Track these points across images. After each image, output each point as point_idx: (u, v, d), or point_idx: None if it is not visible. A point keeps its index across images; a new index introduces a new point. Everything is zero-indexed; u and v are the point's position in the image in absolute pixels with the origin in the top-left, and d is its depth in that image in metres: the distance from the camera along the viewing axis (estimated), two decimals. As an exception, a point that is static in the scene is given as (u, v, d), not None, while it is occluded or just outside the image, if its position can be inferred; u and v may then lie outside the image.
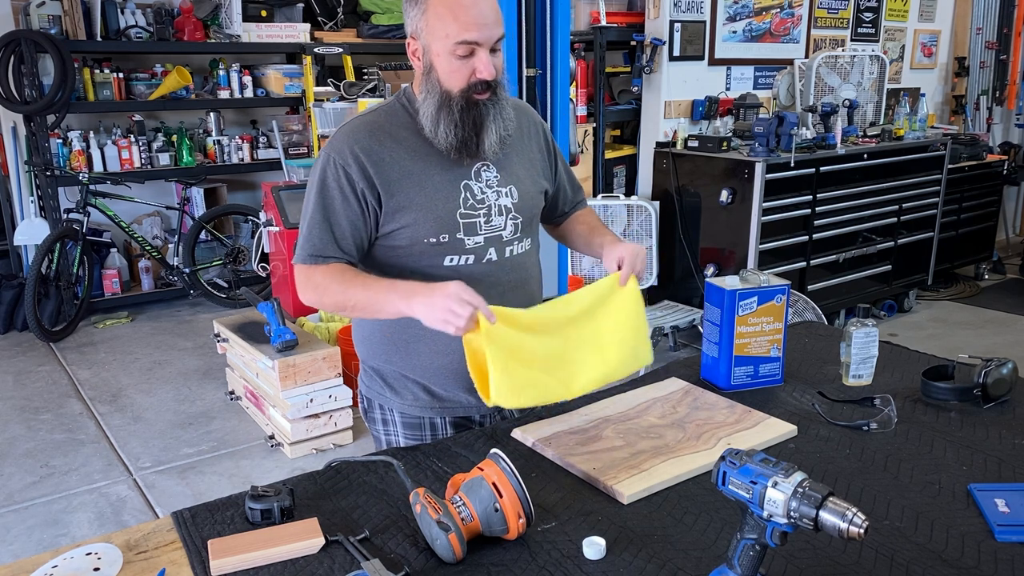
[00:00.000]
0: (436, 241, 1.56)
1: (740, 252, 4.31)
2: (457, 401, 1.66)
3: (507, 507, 1.17)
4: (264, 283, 5.36)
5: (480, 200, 1.59)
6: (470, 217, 1.58)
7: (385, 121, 1.58)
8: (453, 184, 1.57)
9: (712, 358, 1.79)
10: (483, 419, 1.71)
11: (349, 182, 1.52)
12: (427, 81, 1.53)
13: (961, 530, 1.24)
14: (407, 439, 1.69)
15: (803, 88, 5.05)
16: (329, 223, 1.54)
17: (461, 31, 1.45)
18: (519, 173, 1.66)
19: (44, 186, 5.01)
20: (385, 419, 1.72)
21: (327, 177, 1.54)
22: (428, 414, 1.67)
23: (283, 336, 3.34)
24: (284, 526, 1.25)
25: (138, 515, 3.00)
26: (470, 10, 1.45)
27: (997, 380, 1.65)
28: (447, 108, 1.51)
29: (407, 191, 1.54)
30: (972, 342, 4.73)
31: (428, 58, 1.51)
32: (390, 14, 5.71)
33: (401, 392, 1.67)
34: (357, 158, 1.52)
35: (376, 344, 1.68)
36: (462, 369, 1.48)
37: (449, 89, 1.51)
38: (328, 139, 1.59)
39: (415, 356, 1.63)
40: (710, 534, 1.24)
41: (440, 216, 1.55)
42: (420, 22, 1.49)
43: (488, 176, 1.61)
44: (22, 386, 4.17)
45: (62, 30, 4.89)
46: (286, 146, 5.35)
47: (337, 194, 1.53)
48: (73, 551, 1.21)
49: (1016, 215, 7.22)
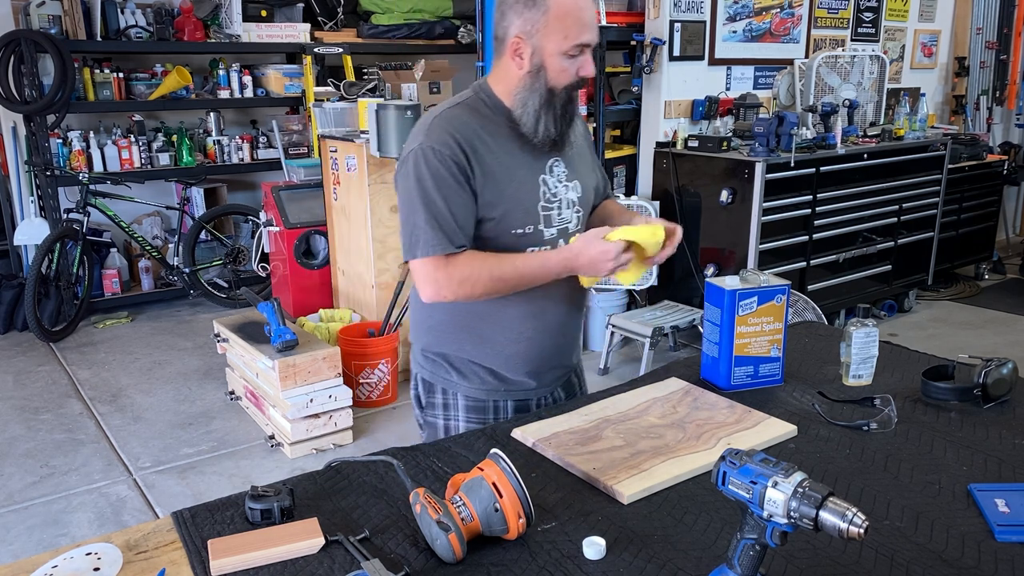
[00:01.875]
0: (522, 232, 1.66)
1: (740, 252, 4.31)
2: (521, 384, 1.76)
3: (507, 507, 1.17)
4: (264, 283, 5.36)
5: (554, 194, 1.70)
6: (548, 209, 1.69)
7: (470, 115, 1.64)
8: (534, 178, 1.67)
9: (712, 358, 1.79)
10: (539, 402, 1.80)
11: (460, 169, 1.58)
12: (533, 79, 1.61)
13: (961, 530, 1.24)
14: (468, 423, 1.77)
15: (803, 88, 5.05)
16: (450, 211, 1.58)
17: (581, 34, 1.58)
18: (580, 169, 1.78)
19: (44, 186, 5.01)
20: (447, 403, 1.79)
21: (436, 167, 1.57)
22: (493, 397, 1.76)
23: (283, 336, 3.35)
24: (284, 526, 1.25)
25: (138, 515, 3.00)
26: (587, 12, 1.59)
27: (997, 380, 1.65)
28: (551, 104, 1.61)
29: (500, 183, 1.62)
30: (972, 342, 4.73)
31: (539, 58, 1.60)
32: (390, 14, 5.71)
33: (469, 376, 1.75)
34: (461, 146, 1.58)
35: (446, 332, 1.75)
36: (530, 354, 1.71)
37: (555, 86, 1.61)
38: (414, 133, 1.64)
39: (488, 344, 1.72)
40: (710, 534, 1.23)
41: (527, 208, 1.66)
42: (538, 24, 1.57)
43: (559, 171, 1.72)
44: (22, 386, 4.17)
45: (62, 30, 4.89)
46: (286, 146, 5.35)
47: (452, 182, 1.58)
48: (73, 551, 1.21)
49: (1016, 215, 7.22)
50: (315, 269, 4.69)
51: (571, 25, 1.56)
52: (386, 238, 4.03)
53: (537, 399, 1.80)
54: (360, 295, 4.27)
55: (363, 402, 3.87)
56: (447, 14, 5.86)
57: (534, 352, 1.73)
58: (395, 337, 3.94)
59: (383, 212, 3.99)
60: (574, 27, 1.56)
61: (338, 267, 4.51)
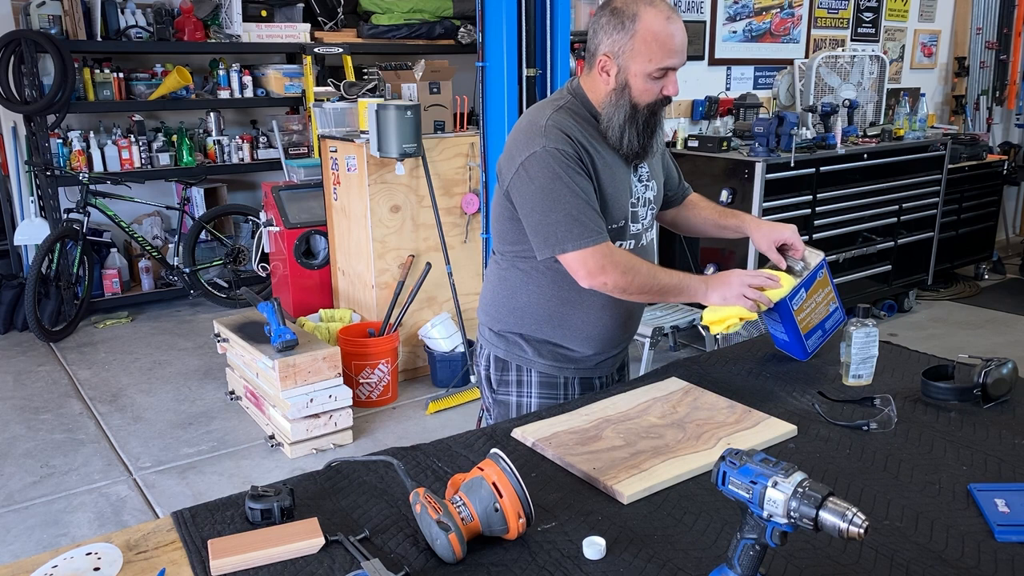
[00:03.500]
0: (616, 227, 1.78)
1: (740, 252, 4.31)
2: (588, 362, 1.88)
3: (507, 507, 1.17)
4: (264, 283, 5.36)
5: (638, 192, 1.83)
6: (635, 207, 1.82)
7: (573, 119, 1.73)
8: (626, 177, 1.79)
9: (783, 340, 1.92)
10: (601, 382, 1.93)
11: (583, 167, 1.69)
12: (618, 96, 1.71)
13: (961, 530, 1.24)
14: (540, 398, 1.89)
15: (803, 88, 5.05)
16: (590, 204, 1.68)
17: (665, 58, 1.66)
18: (656, 168, 1.90)
19: (44, 186, 5.01)
20: (520, 380, 1.90)
21: (565, 165, 1.67)
22: (564, 374, 1.88)
23: (283, 336, 3.35)
24: (284, 526, 1.25)
25: (138, 515, 3.00)
26: (675, 38, 1.66)
27: (997, 380, 1.65)
28: (633, 119, 1.72)
29: (603, 182, 1.73)
30: (972, 342, 4.73)
31: (624, 76, 1.70)
32: (390, 14, 5.71)
33: (544, 354, 1.87)
34: (577, 147, 1.68)
35: (529, 315, 1.85)
36: (603, 337, 1.85)
37: (638, 103, 1.71)
38: (527, 137, 1.70)
39: (566, 327, 1.84)
40: (710, 534, 1.24)
41: (622, 205, 1.78)
42: (626, 46, 1.67)
43: (642, 171, 1.84)
44: (22, 386, 4.17)
45: (62, 30, 4.89)
46: (286, 146, 5.35)
47: (582, 178, 1.68)
48: (73, 551, 1.21)
49: (1016, 215, 7.22)
50: (315, 269, 4.69)
51: (656, 50, 1.65)
52: (386, 238, 4.03)
53: (599, 377, 1.93)
54: (360, 295, 4.27)
55: (363, 402, 3.87)
56: (447, 14, 5.86)
57: (607, 335, 1.86)
58: (395, 337, 3.95)
59: (383, 212, 3.99)
60: (659, 52, 1.65)
61: (338, 267, 4.51)
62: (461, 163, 4.14)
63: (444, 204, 4.07)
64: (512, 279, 1.85)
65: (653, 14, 1.64)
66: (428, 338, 4.04)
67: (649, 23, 1.64)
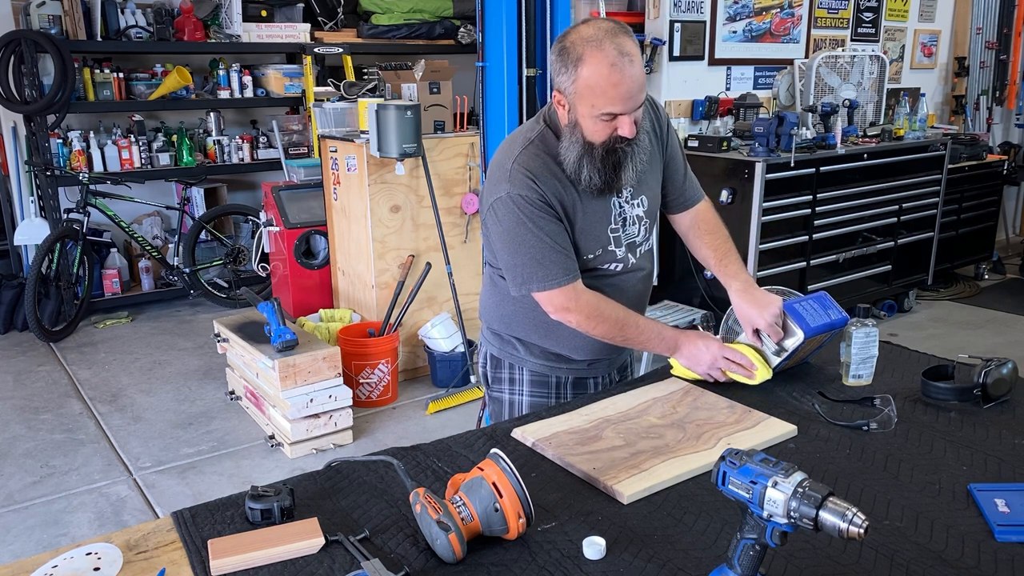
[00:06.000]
0: (593, 256, 1.76)
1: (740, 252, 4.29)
2: (580, 364, 1.88)
3: (507, 507, 1.17)
4: (264, 283, 5.36)
5: (621, 213, 1.78)
6: (616, 231, 1.78)
7: (543, 155, 1.69)
8: (605, 204, 1.75)
9: None
10: (596, 383, 1.93)
11: (549, 208, 1.66)
12: (571, 131, 1.66)
13: (961, 530, 1.24)
14: (532, 396, 1.91)
15: (803, 88, 5.05)
16: (554, 246, 1.67)
17: (607, 105, 1.57)
18: (648, 181, 1.83)
19: (44, 186, 5.01)
20: (513, 378, 1.92)
21: (529, 211, 1.65)
22: (555, 373, 1.89)
23: (283, 336, 3.34)
24: (284, 526, 1.25)
25: (138, 515, 3.00)
26: (618, 87, 1.55)
27: (997, 380, 1.65)
28: (589, 155, 1.65)
29: (575, 217, 1.71)
30: (972, 342, 4.73)
31: (574, 115, 1.64)
32: (390, 14, 5.71)
33: (536, 353, 1.89)
34: (542, 190, 1.65)
35: (518, 323, 1.87)
36: (594, 345, 1.80)
37: (592, 141, 1.64)
38: (495, 179, 1.70)
39: (556, 337, 1.84)
40: (710, 534, 1.24)
41: (597, 235, 1.75)
42: (570, 88, 1.60)
43: (626, 192, 1.78)
44: (22, 386, 4.17)
45: (62, 30, 4.89)
46: (286, 146, 5.35)
47: (548, 220, 1.66)
48: (73, 551, 1.21)
49: (1016, 215, 7.22)
50: (315, 269, 4.69)
51: (599, 96, 1.56)
52: (386, 238, 4.03)
53: (594, 378, 1.92)
54: (360, 295, 4.27)
55: (363, 402, 3.87)
56: (447, 14, 5.86)
57: (598, 343, 1.82)
58: (395, 337, 3.95)
59: (383, 212, 3.99)
60: (601, 99, 1.57)
61: (338, 267, 4.51)
62: (461, 163, 4.14)
63: (444, 204, 4.07)
64: (502, 286, 1.84)
65: (598, 60, 1.54)
66: (428, 338, 4.05)
67: (592, 70, 1.54)
